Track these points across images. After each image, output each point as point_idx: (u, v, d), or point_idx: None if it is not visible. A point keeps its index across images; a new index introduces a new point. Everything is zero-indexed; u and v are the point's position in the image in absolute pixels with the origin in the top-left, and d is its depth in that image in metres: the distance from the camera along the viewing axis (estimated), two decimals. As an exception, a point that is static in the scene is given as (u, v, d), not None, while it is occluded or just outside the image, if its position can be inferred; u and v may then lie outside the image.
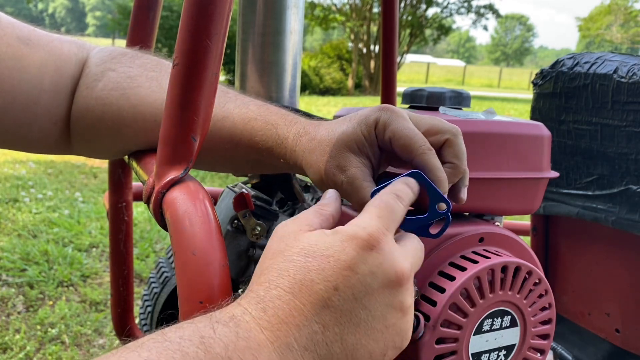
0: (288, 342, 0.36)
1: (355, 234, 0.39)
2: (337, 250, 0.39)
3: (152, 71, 0.62)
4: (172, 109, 0.48)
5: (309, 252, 0.39)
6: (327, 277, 0.38)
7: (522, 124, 0.66)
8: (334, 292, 0.37)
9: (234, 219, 0.74)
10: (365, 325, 0.38)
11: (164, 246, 2.97)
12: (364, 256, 0.39)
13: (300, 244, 0.40)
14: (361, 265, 0.38)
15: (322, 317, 0.37)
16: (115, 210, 1.10)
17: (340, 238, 0.39)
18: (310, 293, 0.37)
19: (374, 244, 0.39)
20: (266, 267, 0.40)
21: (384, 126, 0.50)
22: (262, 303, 0.37)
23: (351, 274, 0.38)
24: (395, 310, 0.40)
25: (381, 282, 0.39)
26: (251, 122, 0.56)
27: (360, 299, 0.38)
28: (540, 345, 0.60)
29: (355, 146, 0.50)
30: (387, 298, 0.39)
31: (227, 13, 0.46)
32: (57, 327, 2.06)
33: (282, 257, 0.40)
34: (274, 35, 0.82)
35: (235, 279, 0.76)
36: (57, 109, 0.61)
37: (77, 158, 5.06)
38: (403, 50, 19.36)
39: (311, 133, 0.53)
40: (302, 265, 0.38)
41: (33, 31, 0.60)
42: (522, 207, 0.67)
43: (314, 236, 0.40)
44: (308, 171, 0.53)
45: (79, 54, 0.63)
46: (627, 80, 0.89)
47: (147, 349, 0.33)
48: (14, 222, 3.15)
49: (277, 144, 0.55)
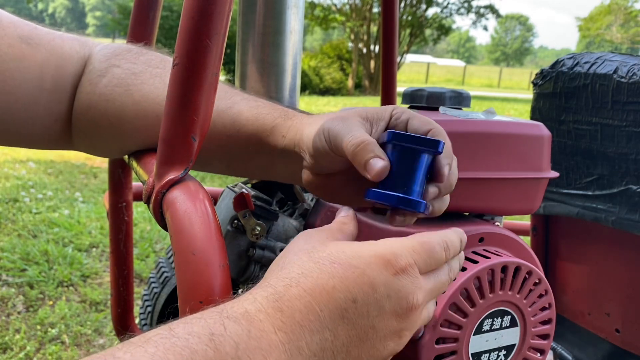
0: (299, 346, 0.36)
1: (386, 255, 0.40)
2: (363, 263, 0.39)
3: (156, 68, 0.62)
4: (172, 108, 0.48)
5: (336, 258, 0.39)
6: (349, 287, 0.38)
7: (522, 124, 0.66)
8: (352, 304, 0.38)
9: (234, 219, 0.74)
10: (369, 343, 0.39)
11: (164, 246, 2.97)
12: (387, 278, 0.39)
13: (328, 249, 0.40)
14: (382, 286, 0.39)
15: (336, 327, 0.37)
16: (115, 210, 1.10)
17: (369, 253, 0.40)
18: (330, 300, 0.37)
19: (398, 271, 0.40)
20: (288, 261, 0.40)
21: (403, 111, 0.51)
22: (280, 302, 0.37)
23: (371, 292, 0.39)
24: (396, 336, 0.41)
25: (392, 308, 0.39)
26: (259, 108, 0.58)
27: (372, 318, 0.39)
28: (540, 345, 0.60)
29: (364, 113, 0.50)
30: (393, 324, 0.40)
31: (227, 13, 0.46)
32: (57, 327, 2.06)
33: (308, 256, 0.40)
34: (274, 35, 0.82)
35: (235, 279, 0.76)
36: (58, 106, 0.61)
37: (77, 158, 5.06)
38: (403, 50, 19.36)
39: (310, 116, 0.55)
40: (328, 269, 0.38)
41: (34, 29, 0.60)
42: (522, 207, 0.67)
43: (343, 244, 0.41)
44: (306, 129, 0.51)
45: (80, 51, 0.63)
46: (627, 80, 0.88)
47: (153, 344, 0.31)
48: (14, 222, 3.15)
49: (285, 118, 0.56)
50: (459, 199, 0.54)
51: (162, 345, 0.31)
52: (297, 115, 0.56)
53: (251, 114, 0.57)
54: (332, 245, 0.41)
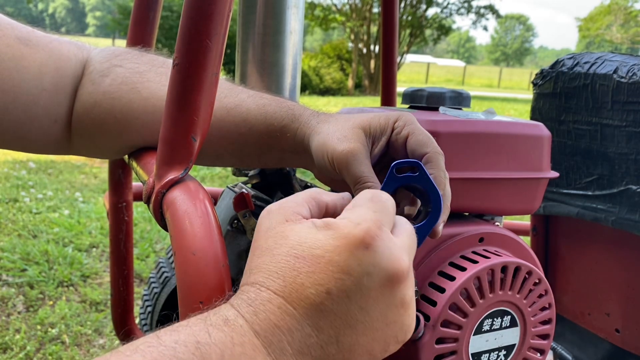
0: (282, 347, 0.35)
1: (349, 232, 0.37)
2: (328, 250, 0.36)
3: (160, 67, 0.63)
4: (172, 109, 0.48)
5: (298, 252, 0.37)
6: (318, 280, 0.36)
7: (522, 124, 0.66)
8: (327, 296, 0.36)
9: (234, 219, 0.74)
10: (362, 326, 0.37)
11: (164, 246, 2.97)
12: (359, 256, 0.36)
13: (288, 242, 0.38)
14: (356, 267, 0.36)
15: (315, 321, 0.36)
16: (115, 210, 1.10)
17: (332, 235, 0.37)
18: (302, 297, 0.36)
19: (369, 242, 0.36)
20: (255, 266, 0.38)
21: (405, 122, 0.52)
22: (254, 306, 0.36)
23: (345, 277, 0.36)
24: (397, 308, 0.38)
25: (378, 282, 0.36)
26: (265, 107, 0.59)
27: (356, 300, 0.36)
28: (540, 345, 0.60)
29: (368, 128, 0.53)
30: (386, 298, 0.37)
31: (227, 13, 0.46)
32: (57, 327, 2.06)
33: (270, 256, 0.38)
34: (274, 35, 0.82)
35: (235, 279, 0.76)
36: (57, 108, 0.61)
37: (77, 158, 5.06)
38: (403, 50, 19.36)
39: (328, 114, 0.57)
40: (292, 267, 0.36)
41: (32, 32, 0.60)
42: (522, 207, 0.67)
43: (303, 231, 0.38)
44: (314, 138, 0.54)
45: (78, 54, 0.64)
46: (627, 80, 0.89)
47: (141, 353, 0.31)
48: (14, 222, 3.15)
49: (292, 120, 0.57)
50: (459, 199, 0.54)
51: (150, 354, 0.31)
52: (303, 115, 0.57)
53: (259, 112, 0.58)
54: (292, 234, 0.38)
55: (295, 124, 0.56)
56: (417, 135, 0.51)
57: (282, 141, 0.58)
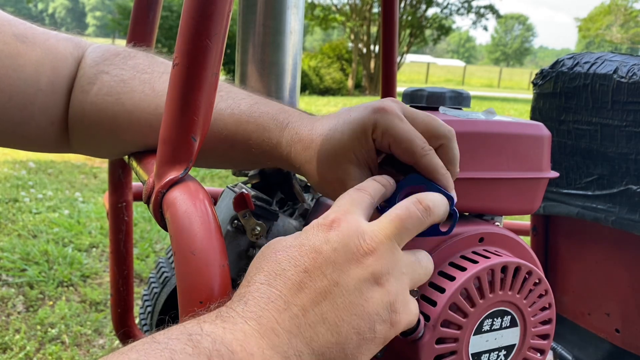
0: (273, 328, 0.37)
1: (318, 221, 0.43)
2: (302, 239, 0.42)
3: (144, 73, 0.61)
4: (172, 109, 0.48)
5: (278, 248, 0.42)
6: (296, 262, 0.40)
7: (522, 124, 0.66)
8: (305, 274, 0.40)
9: (234, 219, 0.74)
10: (342, 301, 0.40)
11: (164, 246, 2.97)
12: (327, 236, 0.41)
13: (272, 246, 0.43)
14: (324, 245, 0.41)
15: (300, 300, 0.39)
16: (115, 210, 1.10)
17: (305, 229, 0.43)
18: (284, 280, 0.39)
19: (334, 224, 0.42)
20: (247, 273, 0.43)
21: (382, 132, 0.49)
22: (244, 298, 0.39)
23: (317, 255, 0.40)
24: (369, 283, 0.41)
25: (345, 257, 0.41)
26: (243, 125, 0.56)
27: (330, 275, 0.40)
28: (540, 345, 0.60)
29: (353, 157, 0.50)
30: (356, 271, 0.41)
31: (227, 13, 0.46)
32: (57, 327, 2.06)
33: (257, 259, 0.43)
34: (274, 35, 0.82)
35: (235, 279, 0.76)
36: (54, 109, 0.61)
37: (77, 158, 5.06)
38: (403, 50, 19.36)
39: (305, 140, 0.53)
40: (273, 259, 0.41)
41: (30, 28, 0.59)
42: (522, 207, 0.67)
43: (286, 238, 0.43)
44: (308, 179, 0.54)
45: (75, 52, 0.63)
46: (627, 80, 0.89)
47: (135, 351, 0.34)
48: (14, 222, 3.15)
49: (271, 148, 0.55)
50: (459, 199, 0.54)
51: (144, 350, 0.34)
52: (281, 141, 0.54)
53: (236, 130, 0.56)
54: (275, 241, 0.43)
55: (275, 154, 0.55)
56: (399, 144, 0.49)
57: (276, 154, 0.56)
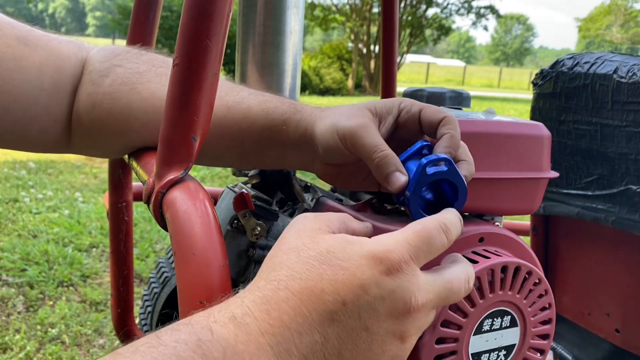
0: (288, 349, 0.35)
1: (377, 254, 0.38)
2: (354, 264, 0.38)
3: (160, 67, 0.62)
4: (172, 109, 0.48)
5: (325, 259, 0.38)
6: (338, 289, 0.37)
7: (522, 124, 0.66)
8: (342, 306, 0.37)
9: (234, 219, 0.74)
10: (364, 347, 0.38)
11: (164, 246, 2.97)
12: (379, 279, 0.38)
13: (318, 247, 0.39)
14: (374, 287, 0.37)
15: (325, 329, 0.36)
16: (115, 210, 1.10)
17: (360, 253, 0.38)
18: (319, 302, 0.36)
19: (392, 270, 0.38)
20: (278, 262, 0.39)
21: (412, 103, 0.52)
22: (267, 305, 0.36)
23: (362, 294, 0.37)
24: (396, 338, 0.39)
25: (388, 309, 0.38)
26: (267, 103, 0.58)
27: (364, 320, 0.37)
28: (540, 345, 0.60)
29: (373, 108, 0.52)
30: (390, 326, 0.38)
31: (227, 13, 0.46)
32: (57, 327, 2.06)
33: (297, 256, 0.39)
34: (274, 35, 0.82)
35: (235, 279, 0.76)
36: (57, 108, 0.61)
37: (77, 158, 5.06)
38: (403, 50, 19.36)
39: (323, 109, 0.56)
40: (317, 271, 0.37)
41: (31, 31, 0.60)
42: (522, 207, 0.67)
43: (334, 241, 0.39)
44: (318, 125, 0.53)
45: (78, 53, 0.64)
46: (627, 80, 0.89)
47: (141, 354, 0.31)
48: (14, 222, 3.15)
49: (294, 112, 0.56)
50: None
51: (150, 354, 0.31)
52: (305, 108, 0.57)
53: (260, 108, 0.58)
54: (322, 241, 0.39)
55: (297, 116, 0.56)
56: (430, 107, 0.51)
57: (283, 135, 0.57)
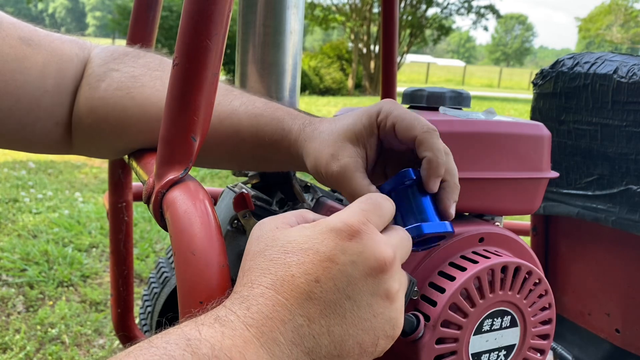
0: (274, 337, 0.36)
1: (335, 225, 0.40)
2: (315, 242, 0.39)
3: (155, 70, 0.62)
4: (172, 109, 0.48)
5: (288, 249, 0.39)
6: (307, 270, 0.38)
7: (522, 124, 0.66)
8: (316, 284, 0.38)
9: (234, 219, 0.74)
10: (351, 316, 0.38)
11: (164, 246, 2.97)
12: (343, 246, 0.39)
13: (279, 242, 0.40)
14: (341, 255, 0.38)
15: (307, 310, 0.37)
16: (115, 210, 1.10)
17: (319, 230, 0.40)
18: (292, 287, 0.37)
19: (353, 233, 0.39)
20: (247, 268, 0.40)
21: (387, 114, 0.51)
22: (246, 302, 0.37)
23: (331, 265, 0.38)
24: (382, 299, 0.40)
25: (362, 271, 0.39)
26: (257, 118, 0.57)
27: (343, 289, 0.38)
28: (540, 345, 0.60)
29: (353, 136, 0.51)
30: (371, 286, 0.39)
31: (227, 13, 0.46)
32: (57, 327, 2.06)
33: (262, 257, 0.40)
34: (274, 35, 0.82)
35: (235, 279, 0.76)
36: (59, 110, 0.61)
37: (77, 158, 5.06)
38: (403, 50, 19.35)
39: (315, 124, 0.55)
40: (282, 262, 0.39)
41: (34, 31, 0.60)
42: (522, 207, 0.67)
43: (293, 232, 0.41)
44: (306, 160, 0.54)
45: (80, 54, 0.63)
46: (627, 80, 0.89)
47: (133, 357, 0.33)
48: (14, 222, 3.15)
49: (282, 137, 0.56)
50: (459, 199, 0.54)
51: (142, 356, 0.32)
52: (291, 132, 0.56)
53: (250, 124, 0.58)
54: (282, 236, 0.40)
55: (285, 142, 0.56)
56: (402, 122, 0.50)
57: (274, 155, 0.58)
